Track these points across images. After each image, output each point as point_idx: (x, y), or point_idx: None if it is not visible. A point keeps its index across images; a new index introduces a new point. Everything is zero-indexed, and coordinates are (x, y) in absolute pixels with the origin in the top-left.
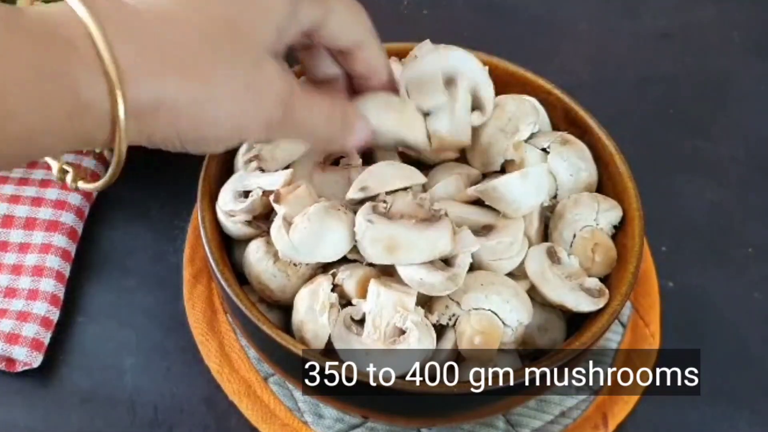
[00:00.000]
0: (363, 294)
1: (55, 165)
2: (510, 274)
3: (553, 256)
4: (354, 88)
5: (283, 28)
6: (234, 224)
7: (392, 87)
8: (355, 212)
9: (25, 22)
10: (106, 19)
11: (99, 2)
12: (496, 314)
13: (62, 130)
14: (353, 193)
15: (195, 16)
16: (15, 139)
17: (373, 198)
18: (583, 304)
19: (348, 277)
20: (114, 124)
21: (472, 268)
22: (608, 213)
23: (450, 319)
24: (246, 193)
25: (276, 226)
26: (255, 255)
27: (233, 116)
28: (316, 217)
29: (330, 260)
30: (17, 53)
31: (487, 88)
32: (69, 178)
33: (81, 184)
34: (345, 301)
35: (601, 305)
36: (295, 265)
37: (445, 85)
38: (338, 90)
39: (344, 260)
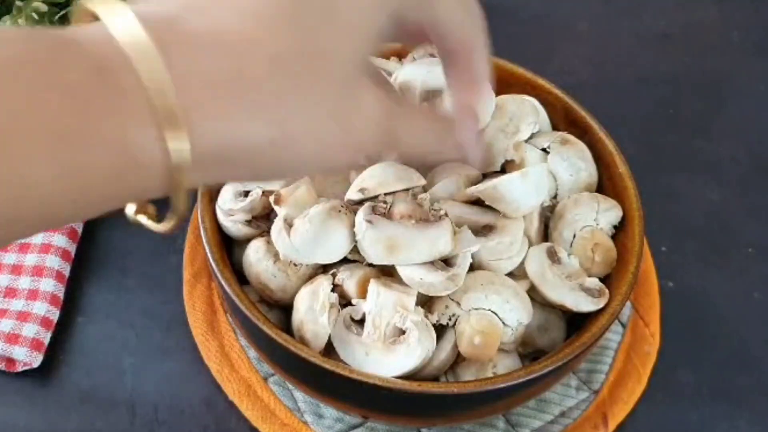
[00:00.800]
0: (363, 294)
1: (131, 206)
2: (510, 274)
3: (553, 256)
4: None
5: (375, 34)
6: (234, 224)
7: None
8: (355, 213)
9: (55, 58)
10: (162, 45)
11: (164, 26)
12: (495, 314)
13: (105, 192)
14: (352, 194)
15: (265, 37)
16: (40, 205)
17: (372, 199)
18: (583, 304)
19: (348, 278)
20: (173, 178)
21: (472, 267)
22: (608, 213)
23: (450, 319)
24: (246, 193)
25: (277, 228)
26: (255, 255)
27: (318, 152)
28: (317, 219)
29: (331, 261)
30: (43, 106)
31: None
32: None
33: (143, 219)
34: (345, 302)
35: (601, 305)
36: (295, 265)
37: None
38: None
39: (344, 260)
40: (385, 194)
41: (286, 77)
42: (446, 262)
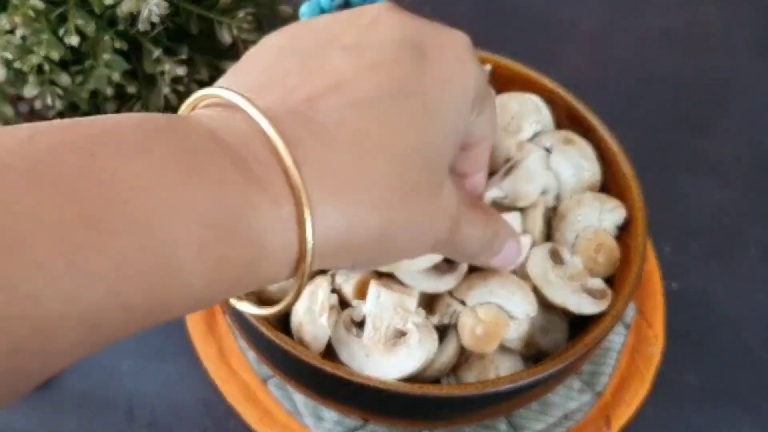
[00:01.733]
0: (362, 297)
1: None
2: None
3: (556, 257)
4: None
5: (463, 127)
6: None
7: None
8: None
9: (204, 152)
10: (299, 143)
11: (291, 118)
12: (502, 307)
13: (235, 281)
14: None
15: (388, 138)
16: (185, 301)
17: None
18: (585, 306)
19: (345, 281)
20: (297, 266)
21: (474, 267)
22: (612, 213)
23: (452, 317)
24: None
25: None
26: None
27: (409, 243)
28: None
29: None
30: (192, 204)
31: None
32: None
33: (247, 306)
34: (344, 305)
35: (603, 307)
36: None
37: None
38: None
39: None
40: None
41: (403, 177)
42: (447, 260)
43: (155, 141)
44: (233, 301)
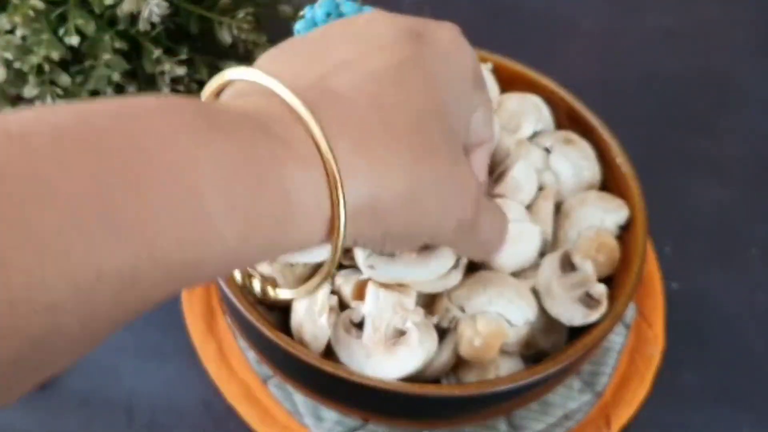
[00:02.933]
0: (360, 298)
1: (238, 274)
2: (515, 274)
3: (566, 264)
4: None
5: (467, 123)
6: None
7: None
8: None
9: (229, 118)
10: (320, 109)
11: (309, 90)
12: (501, 315)
13: (267, 239)
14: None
15: (403, 99)
16: (219, 257)
17: None
18: (577, 319)
19: (344, 283)
20: (331, 228)
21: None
22: (615, 213)
23: (451, 322)
24: None
25: None
26: None
27: (436, 212)
28: None
29: (320, 261)
30: (219, 154)
31: None
32: (256, 285)
33: (279, 291)
34: (343, 306)
35: (593, 318)
36: (292, 265)
37: None
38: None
39: (340, 266)
40: None
41: (425, 137)
42: None
43: (179, 107)
44: (271, 292)
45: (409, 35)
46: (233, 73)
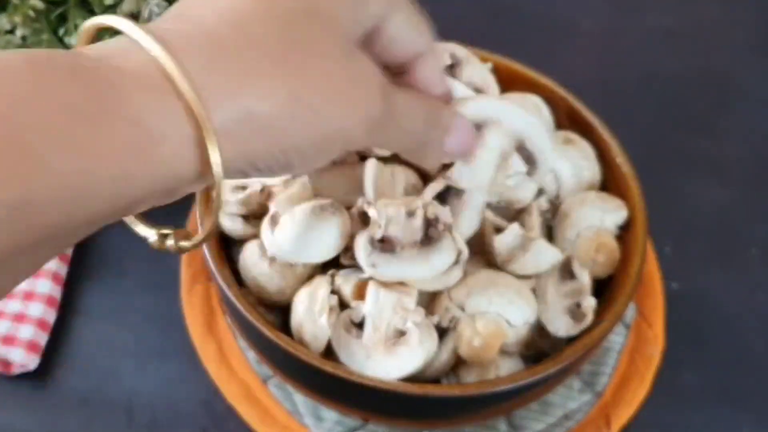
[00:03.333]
0: (361, 297)
1: (150, 233)
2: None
3: (566, 272)
4: None
5: (357, 19)
6: (232, 222)
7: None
8: (348, 208)
9: (75, 62)
10: (170, 35)
11: (159, 25)
12: (501, 315)
13: (121, 170)
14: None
15: (270, 9)
16: (58, 191)
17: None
18: (561, 330)
19: (344, 283)
20: (202, 150)
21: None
22: (614, 213)
23: (451, 322)
24: (245, 188)
25: (264, 224)
26: (251, 258)
27: (336, 111)
28: (301, 217)
29: (319, 261)
30: (53, 95)
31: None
32: (170, 241)
33: (184, 244)
34: (343, 306)
35: (576, 331)
36: (291, 266)
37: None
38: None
39: (340, 266)
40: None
41: (297, 43)
42: None
43: (36, 57)
44: (170, 244)
45: None
46: (96, 19)
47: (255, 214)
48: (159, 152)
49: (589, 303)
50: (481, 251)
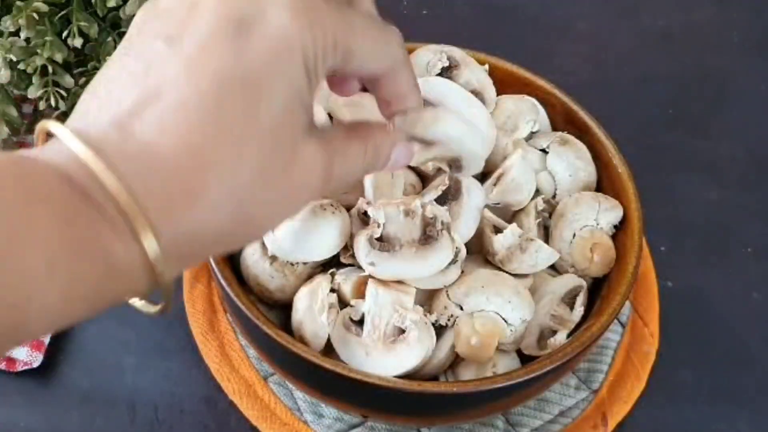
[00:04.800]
0: (360, 295)
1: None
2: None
3: (570, 297)
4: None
5: (307, 92)
6: None
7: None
8: (348, 208)
9: (48, 189)
10: (118, 160)
11: (110, 142)
12: (498, 314)
13: (95, 293)
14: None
15: (215, 135)
16: (45, 314)
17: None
18: (526, 348)
19: (344, 281)
20: (154, 275)
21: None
22: (609, 213)
23: (449, 320)
24: None
25: None
26: (252, 257)
27: (280, 213)
28: (302, 217)
29: (319, 260)
30: (40, 227)
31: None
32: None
33: (142, 305)
34: (342, 305)
35: (532, 354)
36: (292, 264)
37: None
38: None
39: (340, 264)
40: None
41: (244, 164)
42: None
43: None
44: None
45: (231, 27)
46: (49, 125)
47: None
48: (121, 279)
49: (559, 338)
50: (479, 250)
